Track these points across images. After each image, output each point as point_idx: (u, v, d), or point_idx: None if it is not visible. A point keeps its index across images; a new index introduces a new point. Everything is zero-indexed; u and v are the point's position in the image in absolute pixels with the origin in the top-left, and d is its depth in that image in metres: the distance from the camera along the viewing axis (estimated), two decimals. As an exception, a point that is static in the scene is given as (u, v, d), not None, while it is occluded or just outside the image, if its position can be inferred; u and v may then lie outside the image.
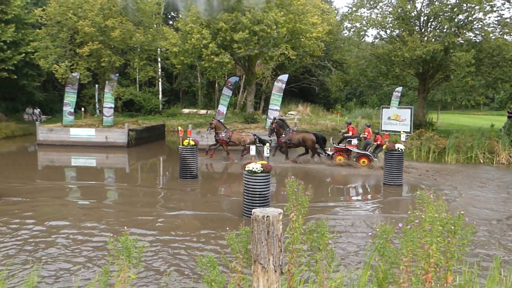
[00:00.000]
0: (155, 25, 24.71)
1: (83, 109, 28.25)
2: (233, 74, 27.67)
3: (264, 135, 17.43)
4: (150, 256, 6.75)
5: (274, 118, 17.61)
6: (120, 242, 3.26)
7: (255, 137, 16.49)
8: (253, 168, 8.87)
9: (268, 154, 10.52)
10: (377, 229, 3.53)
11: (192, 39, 20.75)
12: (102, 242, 7.37)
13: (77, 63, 21.61)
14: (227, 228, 3.87)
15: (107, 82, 23.13)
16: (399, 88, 28.77)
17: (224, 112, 23.23)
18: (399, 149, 12.59)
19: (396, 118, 20.62)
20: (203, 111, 35.76)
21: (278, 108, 22.30)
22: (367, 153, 15.32)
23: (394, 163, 12.52)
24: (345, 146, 15.67)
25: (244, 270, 3.31)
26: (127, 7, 22.52)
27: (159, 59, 32.60)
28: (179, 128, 14.47)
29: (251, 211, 9.18)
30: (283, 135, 16.28)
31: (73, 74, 22.53)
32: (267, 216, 2.82)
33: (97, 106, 29.44)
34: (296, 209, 3.70)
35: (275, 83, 22.40)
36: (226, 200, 10.93)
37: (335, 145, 16.04)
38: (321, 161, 16.04)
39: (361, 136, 16.23)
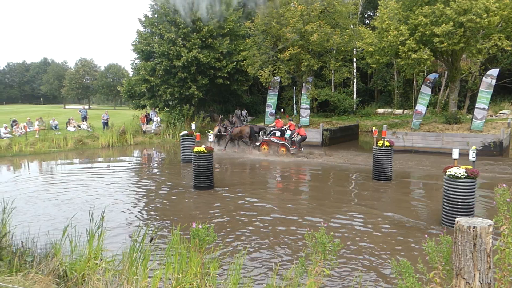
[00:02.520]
0: (351, 26, 24.83)
1: (282, 110, 30.38)
2: (433, 71, 25.65)
3: (469, 137, 15.80)
4: (340, 253, 6.84)
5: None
6: (316, 237, 3.42)
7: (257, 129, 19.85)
8: (455, 173, 8.09)
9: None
10: None
11: (389, 36, 20.08)
12: (298, 234, 7.80)
13: (279, 68, 23.38)
14: (426, 236, 3.65)
15: (304, 84, 24.34)
16: None
17: (423, 112, 21.70)
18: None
19: None
20: (399, 111, 34.23)
21: (486, 107, 19.67)
22: (285, 143, 18.33)
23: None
24: (268, 138, 18.90)
25: (442, 283, 3.08)
26: (325, 11, 23.23)
27: (354, 60, 32.64)
28: (374, 128, 14.20)
29: (451, 220, 8.42)
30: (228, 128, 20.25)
31: (274, 78, 24.46)
32: (474, 227, 2.55)
33: (294, 107, 31.24)
34: (508, 222, 3.25)
35: (483, 78, 19.81)
36: (421, 205, 10.26)
37: (263, 137, 19.37)
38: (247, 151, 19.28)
39: (283, 128, 19.28)
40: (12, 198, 9.40)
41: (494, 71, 19.77)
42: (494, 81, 19.60)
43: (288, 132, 18.95)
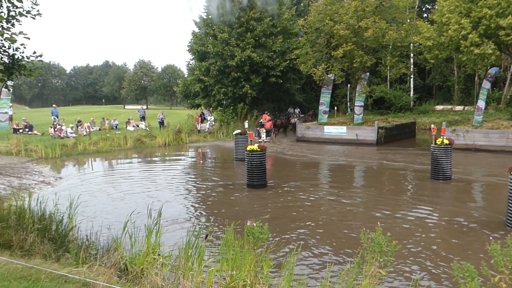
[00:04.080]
0: (408, 20, 23.98)
1: (335, 108, 29.94)
2: (497, 65, 24.17)
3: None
4: (399, 254, 6.64)
5: None
6: (373, 238, 3.34)
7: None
8: (522, 173, 7.59)
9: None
10: None
11: (449, 30, 19.17)
12: (355, 233, 7.66)
13: (332, 65, 23.04)
14: (490, 238, 3.45)
15: (358, 81, 23.82)
16: None
17: (483, 108, 20.51)
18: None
19: None
20: (459, 108, 32.62)
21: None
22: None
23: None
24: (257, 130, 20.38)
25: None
26: (380, 6, 22.58)
27: (411, 55, 31.49)
28: (432, 126, 13.60)
29: (518, 222, 7.85)
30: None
31: (328, 75, 24.14)
32: (545, 230, 2.38)
33: (348, 104, 30.67)
34: None
35: None
36: (484, 206, 9.71)
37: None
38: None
39: (261, 121, 22.95)
40: (78, 194, 9.98)
41: None
42: None
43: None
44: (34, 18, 6.49)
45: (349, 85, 28.82)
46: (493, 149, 18.14)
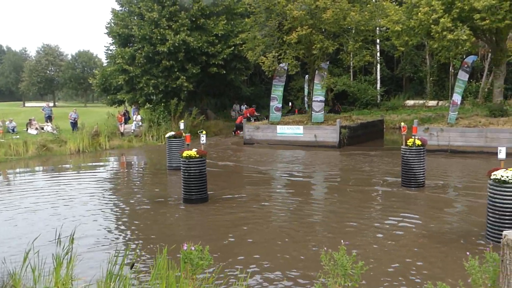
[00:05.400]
0: (373, 0, 24.85)
1: (290, 103, 30.43)
2: (473, 53, 25.66)
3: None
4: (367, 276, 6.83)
5: None
6: (336, 259, 3.42)
7: None
8: (502, 176, 8.08)
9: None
10: None
11: (419, 13, 20.09)
12: (314, 253, 7.81)
13: (285, 52, 23.38)
14: (467, 253, 3.66)
15: (316, 71, 24.34)
16: None
17: (459, 102, 21.66)
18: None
19: None
20: (432, 103, 34.29)
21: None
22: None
23: None
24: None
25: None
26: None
27: (377, 41, 32.65)
28: (402, 124, 14.17)
29: (497, 234, 8.43)
30: None
31: (280, 65, 24.48)
32: (525, 242, 2.56)
33: (305, 100, 31.27)
34: None
35: None
36: (461, 216, 10.25)
37: None
38: None
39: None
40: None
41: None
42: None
43: None
44: None
45: (306, 76, 29.39)
46: (470, 150, 19.19)
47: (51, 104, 44.10)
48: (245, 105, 33.57)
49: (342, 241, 4.05)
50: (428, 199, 12.07)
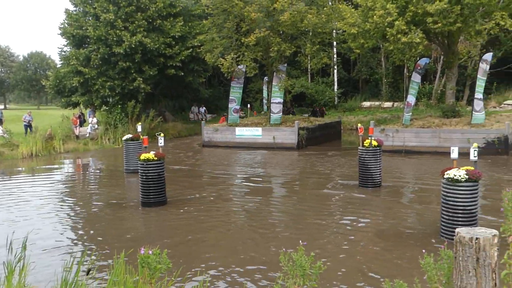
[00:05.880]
0: (330, 3, 25.24)
1: (249, 105, 30.52)
2: (427, 55, 26.44)
3: (470, 133, 16.41)
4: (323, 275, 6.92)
5: None
6: (294, 259, 3.44)
7: None
8: (454, 175, 8.34)
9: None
10: None
11: (375, 16, 20.54)
12: (273, 255, 7.84)
13: (243, 54, 23.44)
14: (423, 251, 3.75)
15: (275, 73, 24.50)
16: None
17: (413, 104, 22.30)
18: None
19: None
20: (388, 104, 35.13)
21: (481, 97, 20.48)
22: None
23: None
24: None
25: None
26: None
27: (334, 43, 33.19)
28: (359, 125, 14.48)
29: (451, 231, 8.68)
30: None
31: (238, 66, 24.52)
32: (477, 238, 2.64)
33: (264, 101, 31.43)
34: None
35: (480, 64, 20.64)
36: (416, 215, 10.53)
37: None
38: None
39: None
40: None
41: (488, 56, 21.00)
42: (488, 67, 20.69)
43: None
44: None
45: (265, 78, 29.53)
46: (424, 151, 19.77)
47: (2, 107, 42.75)
48: (204, 108, 33.43)
49: (300, 241, 4.08)
50: (384, 198, 12.33)
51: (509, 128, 19.01)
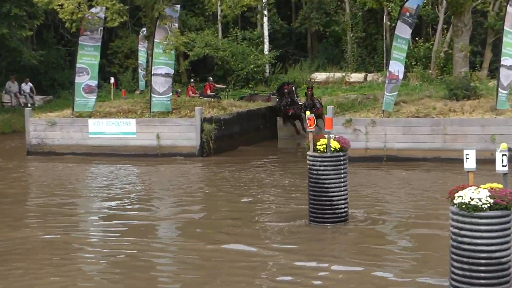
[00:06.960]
0: None
1: (112, 79, 29.92)
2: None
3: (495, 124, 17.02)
4: None
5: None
6: None
7: None
8: (471, 199, 8.39)
9: None
10: None
11: None
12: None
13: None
14: None
15: (158, 23, 24.17)
16: None
17: (400, 76, 22.14)
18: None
19: None
20: (357, 76, 35.53)
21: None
22: None
23: None
24: None
25: None
26: None
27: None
28: (308, 114, 14.20)
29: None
30: None
31: (92, 10, 24.00)
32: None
33: (140, 72, 30.96)
34: None
35: (508, 8, 20.60)
36: (407, 267, 10.65)
37: None
38: None
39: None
40: None
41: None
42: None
43: None
44: None
45: (142, 30, 29.18)
46: (420, 156, 19.84)
47: None
48: (30, 84, 32.53)
49: None
50: (354, 242, 12.30)
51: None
